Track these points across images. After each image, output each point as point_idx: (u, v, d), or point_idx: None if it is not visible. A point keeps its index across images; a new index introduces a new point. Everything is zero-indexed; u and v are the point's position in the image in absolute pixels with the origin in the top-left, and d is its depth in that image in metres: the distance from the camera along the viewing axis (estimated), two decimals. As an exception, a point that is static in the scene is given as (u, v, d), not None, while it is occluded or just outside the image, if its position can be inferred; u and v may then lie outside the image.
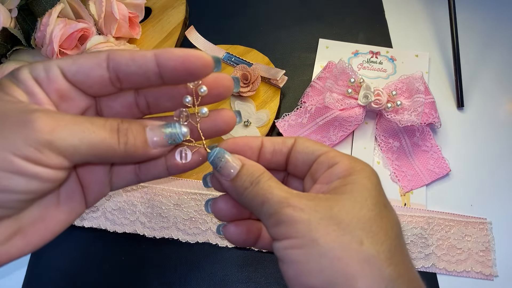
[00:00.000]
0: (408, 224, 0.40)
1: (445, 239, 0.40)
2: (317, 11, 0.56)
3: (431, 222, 0.40)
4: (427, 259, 0.39)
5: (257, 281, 0.39)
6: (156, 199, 0.42)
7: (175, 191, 0.42)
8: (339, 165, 0.24)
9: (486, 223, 0.41)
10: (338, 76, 0.45)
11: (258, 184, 0.23)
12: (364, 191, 0.23)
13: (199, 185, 0.42)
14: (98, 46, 0.45)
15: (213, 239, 0.41)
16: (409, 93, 0.44)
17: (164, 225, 0.41)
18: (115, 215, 0.41)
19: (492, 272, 0.39)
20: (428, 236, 0.40)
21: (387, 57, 0.51)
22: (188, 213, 0.41)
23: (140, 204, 0.42)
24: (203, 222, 0.41)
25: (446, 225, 0.40)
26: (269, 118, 0.46)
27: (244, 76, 0.46)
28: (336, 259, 0.20)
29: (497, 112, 0.48)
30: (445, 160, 0.44)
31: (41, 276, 0.40)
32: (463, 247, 0.40)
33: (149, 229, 0.41)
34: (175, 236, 0.41)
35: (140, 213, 0.41)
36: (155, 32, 0.53)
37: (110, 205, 0.41)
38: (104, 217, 0.41)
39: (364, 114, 0.44)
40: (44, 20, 0.43)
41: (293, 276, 0.21)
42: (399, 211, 0.41)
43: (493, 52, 0.52)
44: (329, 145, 0.45)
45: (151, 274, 0.40)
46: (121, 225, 0.41)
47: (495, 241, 0.40)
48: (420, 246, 0.40)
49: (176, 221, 0.41)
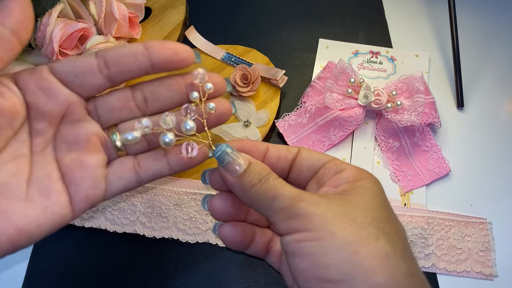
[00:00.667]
0: (408, 224, 0.40)
1: (445, 239, 0.40)
2: (317, 11, 0.56)
3: (431, 222, 0.40)
4: (427, 259, 0.39)
5: (257, 281, 0.39)
6: (156, 199, 0.42)
7: (175, 191, 0.42)
8: (346, 171, 0.25)
9: (486, 223, 0.41)
10: (338, 76, 0.45)
11: (267, 181, 0.24)
12: (374, 195, 0.23)
13: (199, 185, 0.42)
14: (98, 46, 0.45)
15: (213, 239, 0.41)
16: (409, 93, 0.44)
17: (164, 225, 0.41)
18: (115, 215, 0.41)
19: (492, 272, 0.39)
20: (428, 236, 0.40)
21: (387, 57, 0.51)
22: (188, 213, 0.41)
23: (140, 204, 0.42)
24: (203, 222, 0.41)
25: (446, 225, 0.40)
26: (269, 118, 0.46)
27: (244, 76, 0.46)
28: (355, 252, 0.21)
29: (497, 112, 0.48)
30: (445, 160, 0.44)
31: (41, 276, 0.40)
32: (463, 247, 0.40)
33: (149, 229, 0.41)
34: (175, 236, 0.41)
35: (140, 213, 0.41)
36: (155, 32, 0.53)
37: (110, 205, 0.42)
38: (104, 217, 0.41)
39: (364, 114, 0.44)
40: (44, 20, 0.43)
41: (308, 269, 0.21)
42: (399, 211, 0.41)
43: (493, 52, 0.52)
44: (329, 145, 0.45)
45: (151, 274, 0.40)
46: (121, 225, 0.41)
47: (495, 241, 0.40)
48: (420, 246, 0.40)
49: (176, 221, 0.41)
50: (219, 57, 0.50)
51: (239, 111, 0.46)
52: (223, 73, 0.49)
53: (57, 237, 0.42)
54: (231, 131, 0.44)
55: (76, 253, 0.41)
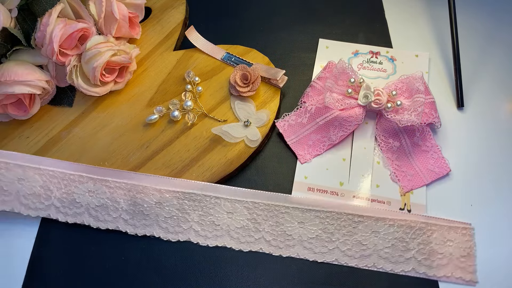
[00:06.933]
0: (389, 227, 0.40)
1: (426, 244, 0.39)
2: (317, 11, 0.56)
3: (413, 226, 0.40)
4: (407, 263, 0.39)
5: (257, 281, 0.39)
6: (138, 196, 0.42)
7: (157, 189, 0.42)
8: None
9: (469, 229, 0.40)
10: (338, 76, 0.45)
11: None
12: None
13: (182, 183, 0.42)
14: (98, 46, 0.45)
15: (194, 238, 0.41)
16: (409, 93, 0.44)
17: (146, 223, 0.41)
18: (99, 211, 0.42)
19: (472, 278, 0.38)
20: (410, 240, 0.40)
21: (387, 57, 0.51)
22: (170, 211, 0.41)
23: (123, 201, 0.42)
24: (185, 220, 0.41)
25: (428, 229, 0.40)
26: (269, 118, 0.46)
27: (244, 76, 0.46)
28: None
29: (497, 112, 0.48)
30: (445, 160, 0.44)
31: (41, 275, 0.40)
32: (444, 252, 0.39)
33: (131, 226, 0.41)
34: (157, 234, 0.41)
35: (123, 210, 0.42)
36: (155, 32, 0.53)
37: (93, 202, 0.42)
38: (87, 213, 0.42)
39: (364, 114, 0.44)
40: (44, 20, 0.43)
41: None
42: (382, 214, 0.41)
43: (493, 52, 0.52)
44: (329, 145, 0.45)
45: (150, 274, 0.40)
46: (104, 222, 0.41)
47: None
48: (400, 250, 0.39)
49: (158, 220, 0.41)
50: (219, 57, 0.50)
51: (239, 111, 0.46)
52: (223, 73, 0.49)
53: (57, 236, 0.42)
54: (231, 131, 0.44)
55: (76, 252, 0.41)
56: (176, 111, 0.45)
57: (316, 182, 0.43)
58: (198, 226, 0.41)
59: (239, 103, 0.46)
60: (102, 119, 0.47)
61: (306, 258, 0.40)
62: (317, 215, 0.41)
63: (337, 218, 0.41)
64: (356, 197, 0.42)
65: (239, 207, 0.42)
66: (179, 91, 0.48)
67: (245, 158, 0.44)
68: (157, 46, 0.52)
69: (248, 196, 0.42)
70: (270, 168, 0.45)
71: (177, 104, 0.46)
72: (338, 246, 0.40)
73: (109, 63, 0.46)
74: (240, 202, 0.42)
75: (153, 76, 0.50)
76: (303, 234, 0.41)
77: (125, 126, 0.47)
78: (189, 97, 0.47)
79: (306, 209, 0.41)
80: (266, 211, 0.41)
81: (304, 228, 0.41)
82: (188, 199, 0.42)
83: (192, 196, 0.42)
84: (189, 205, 0.42)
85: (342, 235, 0.40)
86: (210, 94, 0.48)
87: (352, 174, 0.44)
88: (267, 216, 0.41)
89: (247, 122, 0.45)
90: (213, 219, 0.41)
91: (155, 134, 0.46)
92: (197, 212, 0.42)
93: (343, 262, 0.40)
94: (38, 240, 0.42)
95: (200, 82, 0.49)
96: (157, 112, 0.46)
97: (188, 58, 0.51)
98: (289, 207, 0.41)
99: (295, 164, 0.45)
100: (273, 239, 0.41)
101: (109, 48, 0.45)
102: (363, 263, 0.39)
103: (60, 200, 0.42)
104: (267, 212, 0.41)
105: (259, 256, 0.40)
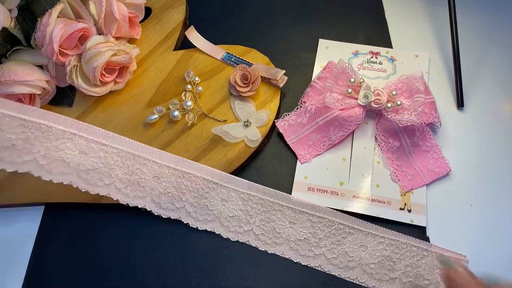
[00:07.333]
0: (379, 244, 0.40)
1: (414, 267, 0.38)
2: (317, 11, 0.56)
3: (403, 247, 0.39)
4: (391, 283, 0.38)
5: (257, 281, 0.39)
6: (136, 166, 0.41)
7: (158, 163, 0.42)
8: None
9: (464, 261, 0.39)
10: (338, 76, 0.45)
11: None
12: None
13: (182, 161, 0.42)
14: (98, 46, 0.45)
15: (185, 219, 0.41)
16: (409, 93, 0.44)
17: (139, 194, 0.41)
18: (90, 174, 0.40)
19: None
20: (397, 260, 0.39)
21: (387, 57, 0.51)
22: (166, 187, 0.41)
23: (119, 168, 0.41)
24: (179, 199, 0.41)
25: (418, 254, 0.39)
26: (269, 118, 0.46)
27: (244, 76, 0.46)
28: None
29: (497, 112, 0.48)
30: (445, 160, 0.44)
31: (41, 275, 0.40)
32: (431, 279, 0.38)
33: (123, 195, 0.41)
34: (149, 208, 0.41)
35: (117, 178, 0.41)
36: (155, 32, 0.53)
37: (85, 164, 0.40)
38: (77, 175, 0.40)
39: (364, 114, 0.44)
40: (44, 20, 0.43)
41: None
42: (374, 230, 0.40)
43: (493, 52, 0.52)
44: (328, 145, 0.45)
45: (150, 274, 0.40)
46: (94, 186, 0.40)
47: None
48: (386, 268, 0.39)
49: (152, 193, 0.41)
50: (219, 57, 0.50)
51: (239, 111, 0.46)
52: (223, 73, 0.49)
53: (57, 236, 0.42)
54: (231, 131, 0.44)
55: (76, 253, 0.41)
56: (176, 111, 0.45)
57: (316, 182, 0.43)
58: (191, 207, 0.41)
59: (239, 103, 0.46)
60: (102, 119, 0.47)
61: (290, 259, 0.40)
62: (310, 218, 0.41)
63: (328, 225, 0.41)
64: (356, 197, 0.42)
65: (234, 196, 0.42)
66: (179, 91, 0.48)
67: (245, 158, 0.44)
68: (157, 46, 0.52)
69: (244, 187, 0.42)
70: (270, 168, 0.45)
71: (177, 104, 0.46)
72: (324, 252, 0.40)
73: (109, 63, 0.46)
74: (236, 192, 0.42)
75: (153, 76, 0.50)
76: (291, 235, 0.40)
77: (125, 126, 0.47)
78: (189, 97, 0.47)
79: (299, 211, 0.41)
80: (260, 205, 0.41)
81: (294, 229, 0.41)
82: (186, 179, 0.42)
83: (191, 177, 0.42)
84: (186, 185, 0.41)
85: (330, 242, 0.40)
86: (210, 94, 0.48)
87: (352, 174, 0.44)
88: (260, 210, 0.41)
89: (247, 122, 0.45)
90: (206, 203, 0.41)
91: (155, 134, 0.46)
92: (193, 193, 0.41)
93: (326, 269, 0.39)
94: (38, 240, 0.42)
95: (200, 82, 0.49)
96: (157, 112, 0.46)
97: (188, 58, 0.51)
98: (283, 205, 0.41)
99: (295, 164, 0.45)
100: (261, 233, 0.41)
101: (109, 48, 0.45)
102: (346, 275, 0.39)
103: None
104: (261, 207, 0.41)
105: (259, 256, 0.40)
